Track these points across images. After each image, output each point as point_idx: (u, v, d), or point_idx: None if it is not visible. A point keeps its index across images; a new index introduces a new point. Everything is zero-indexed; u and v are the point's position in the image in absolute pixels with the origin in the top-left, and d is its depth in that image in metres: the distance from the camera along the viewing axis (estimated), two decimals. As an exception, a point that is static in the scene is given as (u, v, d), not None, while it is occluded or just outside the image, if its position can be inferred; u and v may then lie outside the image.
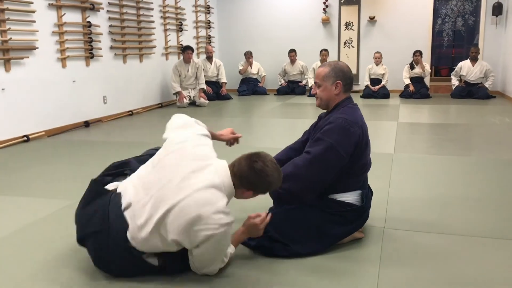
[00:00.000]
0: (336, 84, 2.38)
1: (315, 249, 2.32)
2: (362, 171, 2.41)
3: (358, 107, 2.47)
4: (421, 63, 8.89)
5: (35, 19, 5.54)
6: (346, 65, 2.46)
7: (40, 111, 5.68)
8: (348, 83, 2.41)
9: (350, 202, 2.37)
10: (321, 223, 2.33)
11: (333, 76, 2.39)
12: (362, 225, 2.49)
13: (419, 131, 5.75)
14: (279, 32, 10.32)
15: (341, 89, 2.39)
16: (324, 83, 2.41)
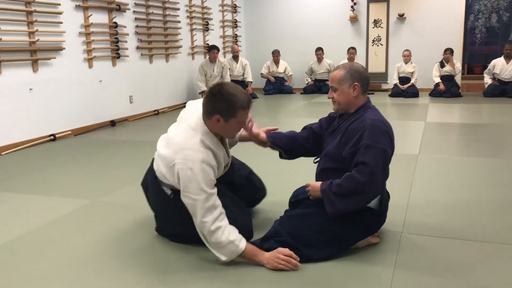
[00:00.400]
0: (354, 86, 2.31)
1: (328, 254, 2.26)
2: (386, 175, 2.33)
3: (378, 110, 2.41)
4: (451, 61, 8.65)
5: (62, 20, 5.65)
6: (361, 65, 2.41)
7: (67, 111, 5.79)
8: (365, 84, 2.34)
9: (368, 206, 2.30)
10: (336, 228, 2.27)
11: (349, 79, 2.31)
12: (378, 229, 2.42)
13: (447, 132, 5.59)
14: (306, 30, 10.23)
15: (359, 90, 2.32)
16: (341, 86, 2.33)
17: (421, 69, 9.06)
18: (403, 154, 4.46)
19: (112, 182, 3.78)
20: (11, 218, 3.02)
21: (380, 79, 9.95)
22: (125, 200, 3.31)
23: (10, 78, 5.04)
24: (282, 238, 2.26)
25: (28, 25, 5.24)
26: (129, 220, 2.91)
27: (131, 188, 3.60)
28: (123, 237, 2.66)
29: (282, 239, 2.26)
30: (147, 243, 2.55)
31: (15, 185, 3.76)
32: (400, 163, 4.11)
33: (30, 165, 4.43)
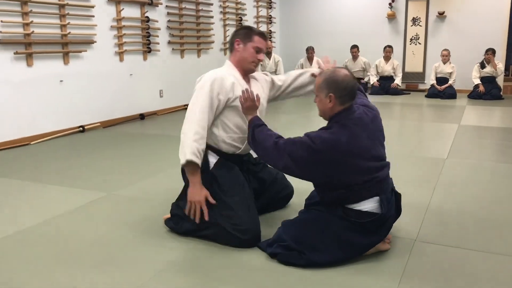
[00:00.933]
0: (329, 97, 2.16)
1: (332, 258, 2.18)
2: (365, 178, 2.16)
3: (359, 120, 2.19)
4: (493, 62, 8.28)
5: (94, 14, 5.73)
6: (344, 73, 2.18)
7: (97, 103, 5.88)
8: (344, 95, 2.15)
9: (368, 210, 2.18)
10: (340, 231, 2.18)
11: (325, 88, 2.17)
12: (385, 235, 2.31)
13: (481, 136, 5.34)
14: (342, 27, 10.04)
15: (335, 102, 2.16)
16: (319, 94, 2.21)
17: (460, 70, 8.73)
18: (430, 157, 4.29)
19: (132, 175, 3.80)
20: (26, 208, 3.08)
21: (417, 79, 9.66)
22: (139, 194, 3.31)
23: (41, 70, 5.16)
24: (286, 243, 2.21)
25: (60, 18, 5.35)
26: (138, 215, 2.90)
27: (149, 182, 3.61)
28: (129, 231, 2.65)
29: (286, 244, 2.21)
30: (152, 238, 2.54)
31: (37, 175, 3.84)
32: (425, 167, 3.96)
33: (55, 156, 4.52)
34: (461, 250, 2.37)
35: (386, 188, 2.26)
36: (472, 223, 2.73)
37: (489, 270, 2.17)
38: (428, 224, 2.70)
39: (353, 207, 2.20)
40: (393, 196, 2.31)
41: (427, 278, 2.09)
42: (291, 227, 2.27)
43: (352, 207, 2.20)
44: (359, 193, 2.17)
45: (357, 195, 2.17)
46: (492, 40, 8.75)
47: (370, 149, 2.20)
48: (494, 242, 2.47)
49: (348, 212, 2.20)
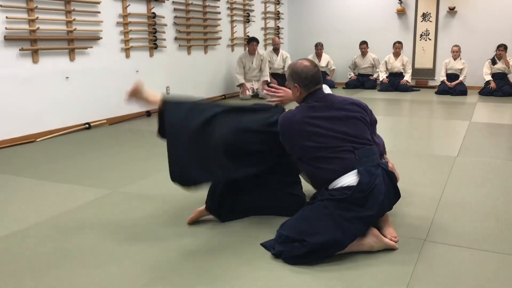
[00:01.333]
0: (295, 87, 2.43)
1: (332, 235, 2.12)
2: (330, 150, 2.29)
3: (323, 98, 2.40)
4: (505, 58, 8.14)
5: (100, 10, 5.70)
6: (305, 64, 2.42)
7: (103, 100, 5.85)
8: (307, 84, 2.40)
9: (348, 184, 2.20)
10: (331, 210, 2.18)
11: (291, 80, 2.45)
12: (382, 210, 2.27)
13: (492, 133, 5.23)
14: (351, 23, 9.93)
15: (301, 90, 2.42)
16: (289, 86, 2.49)
17: (471, 66, 8.60)
18: (440, 155, 4.21)
19: (138, 172, 3.75)
20: (31, 206, 3.04)
21: (427, 75, 9.53)
22: (144, 192, 3.27)
23: (47, 66, 5.13)
24: (286, 237, 2.20)
25: (66, 14, 5.31)
26: (143, 212, 2.86)
27: (154, 179, 3.57)
28: (134, 229, 2.61)
29: (286, 237, 2.20)
30: (156, 237, 2.49)
31: (42, 172, 3.81)
32: (434, 165, 3.87)
33: (61, 153, 4.50)
34: (472, 250, 2.30)
35: (365, 161, 2.26)
36: (484, 223, 2.65)
37: (502, 272, 2.09)
38: (438, 224, 2.62)
39: (334, 187, 2.25)
40: (378, 171, 2.25)
41: (437, 280, 2.02)
42: (289, 224, 2.28)
43: (333, 186, 2.26)
44: (331, 169, 2.26)
45: (329, 171, 2.27)
46: (504, 36, 8.60)
47: (334, 125, 2.33)
48: (507, 242, 2.39)
49: (332, 193, 2.23)
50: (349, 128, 2.35)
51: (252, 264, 2.17)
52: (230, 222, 2.66)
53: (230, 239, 2.45)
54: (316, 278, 2.04)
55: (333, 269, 2.11)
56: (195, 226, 2.63)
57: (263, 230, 2.49)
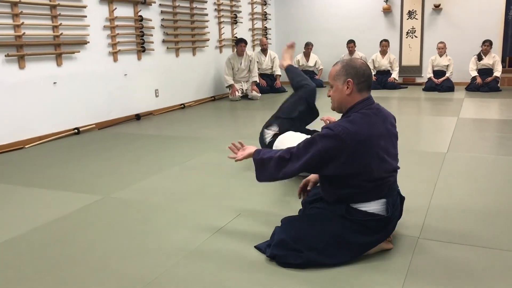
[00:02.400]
0: (347, 83, 2.11)
1: (332, 258, 2.12)
2: (380, 182, 2.12)
3: (375, 110, 2.15)
4: (490, 54, 8.23)
5: (86, 14, 5.66)
6: (362, 62, 2.18)
7: (91, 104, 5.81)
8: (362, 82, 2.12)
9: (373, 212, 2.14)
10: (339, 230, 2.13)
11: (343, 74, 2.12)
12: (387, 236, 2.25)
13: (481, 128, 5.29)
14: (338, 23, 9.97)
15: (353, 88, 2.11)
16: (336, 82, 2.16)
17: (457, 62, 8.68)
18: (430, 152, 4.24)
19: (129, 177, 3.73)
20: (21, 214, 3.01)
21: (414, 73, 9.60)
22: (136, 197, 3.25)
23: (34, 72, 5.08)
24: (284, 243, 2.15)
25: (52, 19, 5.26)
26: (136, 218, 2.85)
27: (146, 183, 3.55)
28: (126, 235, 2.59)
29: (283, 243, 2.15)
30: (149, 242, 2.48)
31: (31, 179, 3.77)
32: (425, 162, 3.90)
33: (50, 159, 4.45)
34: (466, 246, 2.32)
35: (393, 191, 2.22)
36: (476, 218, 2.67)
37: (495, 266, 2.12)
38: (431, 221, 2.64)
39: (358, 207, 2.15)
40: (398, 199, 2.26)
41: (432, 276, 2.03)
42: (289, 226, 2.21)
43: (357, 207, 2.15)
44: (369, 193, 2.12)
45: (366, 194, 2.12)
46: (488, 32, 8.70)
47: (388, 146, 2.15)
48: (499, 237, 2.42)
49: (351, 211, 2.15)
50: (394, 148, 2.22)
51: (249, 265, 2.17)
52: (228, 226, 2.65)
53: (227, 244, 2.44)
54: (315, 276, 2.04)
55: (329, 269, 2.11)
56: (190, 231, 2.61)
57: (259, 234, 2.49)
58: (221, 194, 3.25)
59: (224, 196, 3.20)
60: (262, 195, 3.14)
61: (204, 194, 3.26)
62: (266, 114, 6.82)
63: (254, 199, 3.08)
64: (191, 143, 4.91)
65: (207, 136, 5.20)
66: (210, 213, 2.86)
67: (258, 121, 6.35)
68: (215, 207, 2.98)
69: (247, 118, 6.72)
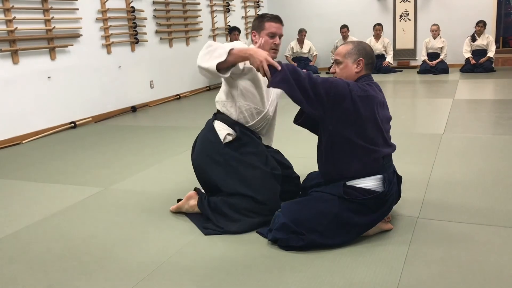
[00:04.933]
0: (358, 62, 2.26)
1: (333, 239, 2.16)
2: (372, 150, 2.18)
3: (377, 86, 2.29)
4: (484, 35, 8.23)
5: (78, 7, 5.62)
6: (368, 45, 2.36)
7: (87, 98, 5.80)
8: (370, 63, 2.29)
9: (370, 188, 2.18)
10: (339, 211, 2.17)
11: (355, 53, 2.27)
12: (387, 214, 2.28)
13: (476, 109, 5.31)
14: (331, 8, 9.93)
15: (363, 67, 2.27)
16: (346, 60, 2.28)
17: (452, 44, 8.68)
18: (426, 133, 4.26)
19: (128, 168, 3.74)
20: (22, 208, 3.02)
21: (409, 56, 9.60)
22: (136, 188, 3.26)
23: (28, 67, 5.06)
24: (285, 226, 2.18)
25: (43, 13, 5.23)
26: (136, 208, 2.86)
27: (144, 174, 3.56)
28: (127, 225, 2.61)
29: (285, 226, 2.18)
30: (150, 232, 2.50)
31: (30, 174, 3.78)
32: (422, 143, 3.93)
33: (48, 153, 4.45)
34: (464, 224, 2.35)
35: (389, 167, 2.25)
36: (474, 196, 2.71)
37: (493, 243, 2.15)
38: (430, 201, 2.67)
39: (354, 184, 2.19)
40: (394, 177, 2.29)
41: (432, 256, 2.06)
42: (290, 210, 2.24)
43: (354, 184, 2.19)
44: (364, 166, 2.18)
45: (362, 167, 2.18)
46: (482, 13, 8.69)
47: (384, 117, 2.27)
48: (497, 214, 2.45)
49: (349, 191, 2.18)
50: (389, 125, 2.34)
51: (250, 251, 2.19)
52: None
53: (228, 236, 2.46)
54: (316, 258, 2.07)
55: (330, 251, 2.14)
56: (192, 224, 2.62)
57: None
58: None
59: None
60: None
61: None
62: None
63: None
64: (188, 133, 4.91)
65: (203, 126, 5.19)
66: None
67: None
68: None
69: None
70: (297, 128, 2.61)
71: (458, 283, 1.85)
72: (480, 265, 1.96)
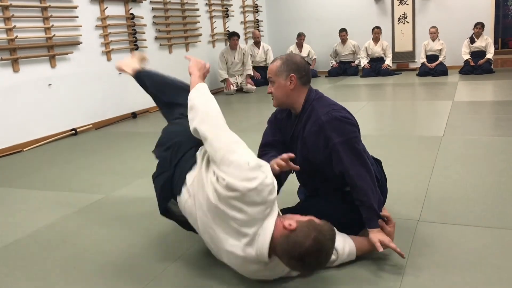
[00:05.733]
0: (290, 78, 2.13)
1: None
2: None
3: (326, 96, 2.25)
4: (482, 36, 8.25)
5: (77, 15, 5.65)
6: (300, 56, 2.23)
7: (87, 105, 5.82)
8: (303, 76, 2.15)
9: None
10: (342, 215, 2.17)
11: (285, 70, 2.13)
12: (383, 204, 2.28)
13: (476, 111, 5.32)
14: (329, 12, 9.97)
15: (296, 82, 2.13)
16: (278, 78, 2.15)
17: (450, 46, 8.70)
18: (426, 136, 4.28)
19: (129, 175, 3.76)
20: (24, 216, 3.03)
21: (408, 58, 9.62)
22: (137, 194, 3.27)
23: (28, 75, 5.08)
24: None
25: (43, 21, 5.26)
26: (137, 215, 2.87)
27: (145, 180, 3.56)
28: (128, 232, 2.62)
29: None
30: (150, 239, 2.51)
31: (31, 182, 3.79)
32: (422, 146, 3.94)
33: (49, 161, 4.47)
34: (465, 227, 2.36)
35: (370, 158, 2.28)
36: (474, 199, 2.71)
37: (495, 245, 2.15)
38: (430, 204, 2.68)
39: (346, 189, 2.20)
40: (379, 166, 2.32)
41: (433, 259, 2.07)
42: None
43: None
44: None
45: None
46: (480, 14, 8.71)
47: None
48: (498, 217, 2.46)
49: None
50: None
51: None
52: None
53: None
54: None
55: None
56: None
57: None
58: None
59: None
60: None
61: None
62: (261, 106, 6.86)
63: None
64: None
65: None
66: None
67: (254, 114, 6.38)
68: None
69: (243, 111, 6.74)
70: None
71: (460, 286, 1.85)
72: (481, 268, 1.97)
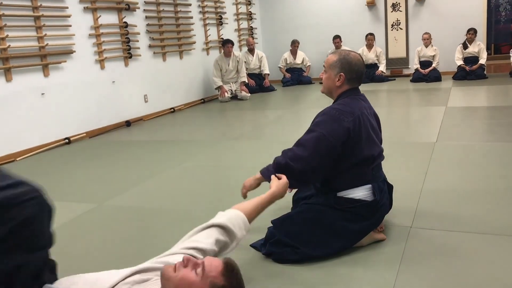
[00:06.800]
0: (339, 76, 2.25)
1: (326, 250, 2.16)
2: (367, 164, 2.20)
3: (363, 98, 2.33)
4: (475, 42, 8.31)
5: (71, 23, 5.65)
6: (358, 57, 2.29)
7: (81, 113, 5.80)
8: (353, 78, 2.26)
9: (360, 198, 2.19)
10: (332, 221, 2.18)
11: (338, 67, 2.25)
12: (379, 222, 2.29)
13: (469, 116, 5.34)
14: (323, 19, 10.01)
15: (343, 81, 2.26)
16: (330, 71, 2.29)
17: (443, 52, 8.75)
18: (419, 142, 4.29)
19: (122, 184, 3.74)
20: (16, 226, 3.01)
21: (401, 64, 9.67)
22: (130, 203, 3.26)
23: (21, 84, 5.06)
24: (278, 240, 2.19)
25: (36, 30, 5.25)
26: (131, 224, 2.86)
27: (139, 189, 3.56)
28: (123, 241, 2.60)
29: (278, 241, 2.19)
30: (145, 248, 2.49)
31: (24, 191, 3.76)
32: (414, 152, 3.95)
33: (42, 170, 4.45)
34: (458, 233, 2.36)
35: (378, 177, 2.27)
36: (467, 205, 2.72)
37: (486, 251, 2.15)
38: (423, 210, 2.68)
39: (344, 195, 2.20)
40: (385, 186, 2.30)
41: (426, 265, 2.07)
42: (282, 223, 2.24)
43: (344, 195, 2.20)
44: (353, 178, 2.19)
45: (351, 180, 2.19)
46: (472, 20, 8.77)
47: (375, 127, 2.31)
48: (490, 223, 2.46)
49: (340, 201, 2.20)
50: (380, 134, 2.39)
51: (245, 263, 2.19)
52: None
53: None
54: (310, 270, 2.07)
55: (324, 262, 2.14)
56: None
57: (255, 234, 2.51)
58: (215, 196, 3.27)
59: (217, 198, 3.22)
60: (255, 196, 3.16)
61: (198, 197, 3.28)
62: (256, 113, 6.87)
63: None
64: (183, 146, 4.92)
65: (198, 139, 5.22)
66: (204, 216, 2.87)
67: (249, 121, 6.38)
68: (210, 210, 2.99)
69: (238, 118, 6.74)
70: (287, 139, 2.61)
71: (452, 292, 1.85)
72: (474, 274, 1.97)
